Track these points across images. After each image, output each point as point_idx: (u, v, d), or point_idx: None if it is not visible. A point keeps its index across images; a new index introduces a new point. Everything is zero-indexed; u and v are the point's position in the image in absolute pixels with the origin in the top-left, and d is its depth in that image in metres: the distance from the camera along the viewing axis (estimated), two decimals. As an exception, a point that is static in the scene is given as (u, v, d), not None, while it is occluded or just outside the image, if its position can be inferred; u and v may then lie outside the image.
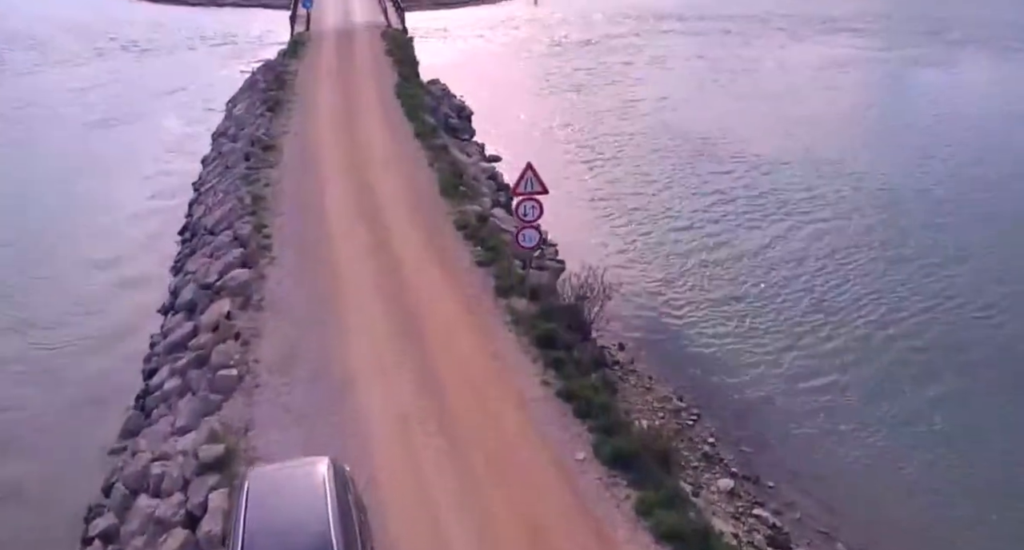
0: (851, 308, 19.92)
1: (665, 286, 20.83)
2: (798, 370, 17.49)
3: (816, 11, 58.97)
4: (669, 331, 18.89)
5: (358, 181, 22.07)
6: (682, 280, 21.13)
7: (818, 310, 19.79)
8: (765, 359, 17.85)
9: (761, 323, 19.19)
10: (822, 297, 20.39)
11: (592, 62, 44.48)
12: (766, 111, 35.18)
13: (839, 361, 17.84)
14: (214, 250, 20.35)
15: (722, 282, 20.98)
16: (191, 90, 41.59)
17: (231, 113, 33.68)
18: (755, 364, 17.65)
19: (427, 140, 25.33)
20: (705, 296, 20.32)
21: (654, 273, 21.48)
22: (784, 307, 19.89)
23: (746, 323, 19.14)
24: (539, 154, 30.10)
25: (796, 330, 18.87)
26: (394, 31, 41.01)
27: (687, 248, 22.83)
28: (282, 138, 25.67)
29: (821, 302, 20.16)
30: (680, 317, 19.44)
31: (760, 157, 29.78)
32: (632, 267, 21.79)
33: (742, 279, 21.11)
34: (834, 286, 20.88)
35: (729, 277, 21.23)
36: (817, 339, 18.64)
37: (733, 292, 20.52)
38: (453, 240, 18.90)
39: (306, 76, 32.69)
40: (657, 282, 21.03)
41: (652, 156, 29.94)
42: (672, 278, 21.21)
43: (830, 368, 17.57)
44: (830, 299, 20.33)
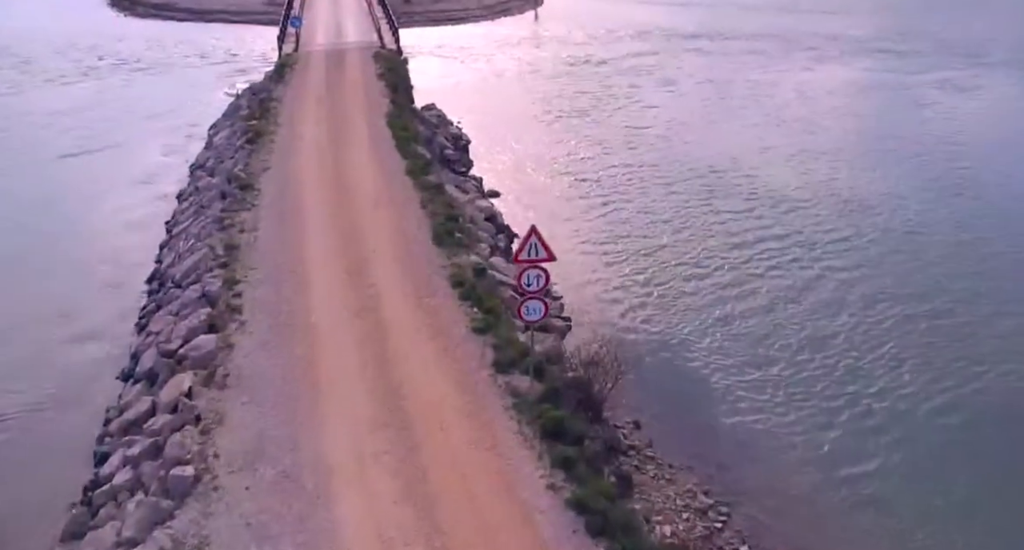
0: (890, 374, 18.12)
1: (684, 349, 19.02)
2: (838, 453, 15.67)
3: (842, 30, 57.49)
4: (690, 404, 17.07)
5: (343, 228, 20.30)
6: (702, 341, 19.31)
7: (855, 376, 18.00)
8: (800, 439, 16.05)
9: (793, 393, 17.38)
10: (858, 361, 18.60)
11: (597, 84, 42.86)
12: (784, 141, 33.54)
13: (884, 440, 16.04)
14: (180, 307, 18.59)
15: (746, 343, 19.17)
16: (175, 113, 39.93)
17: (211, 142, 32.01)
18: (789, 446, 15.85)
19: (420, 178, 23.60)
20: (729, 360, 18.51)
21: (671, 332, 19.67)
22: (817, 373, 18.08)
23: (777, 394, 17.34)
24: (541, 189, 28.63)
25: (833, 403, 17.06)
26: (388, 52, 39.37)
27: (705, 301, 21.04)
28: (262, 176, 23.92)
29: (857, 367, 18.36)
30: (702, 387, 17.63)
31: (778, 194, 28.07)
32: (646, 325, 20.00)
33: (769, 339, 19.31)
34: (870, 347, 19.08)
35: (754, 336, 19.43)
36: (857, 413, 16.84)
37: (760, 355, 18.71)
38: (447, 300, 17.11)
39: (291, 103, 31.00)
40: (674, 343, 19.22)
41: (663, 192, 28.21)
42: (691, 338, 19.40)
43: (875, 449, 15.77)
44: (867, 363, 18.53)
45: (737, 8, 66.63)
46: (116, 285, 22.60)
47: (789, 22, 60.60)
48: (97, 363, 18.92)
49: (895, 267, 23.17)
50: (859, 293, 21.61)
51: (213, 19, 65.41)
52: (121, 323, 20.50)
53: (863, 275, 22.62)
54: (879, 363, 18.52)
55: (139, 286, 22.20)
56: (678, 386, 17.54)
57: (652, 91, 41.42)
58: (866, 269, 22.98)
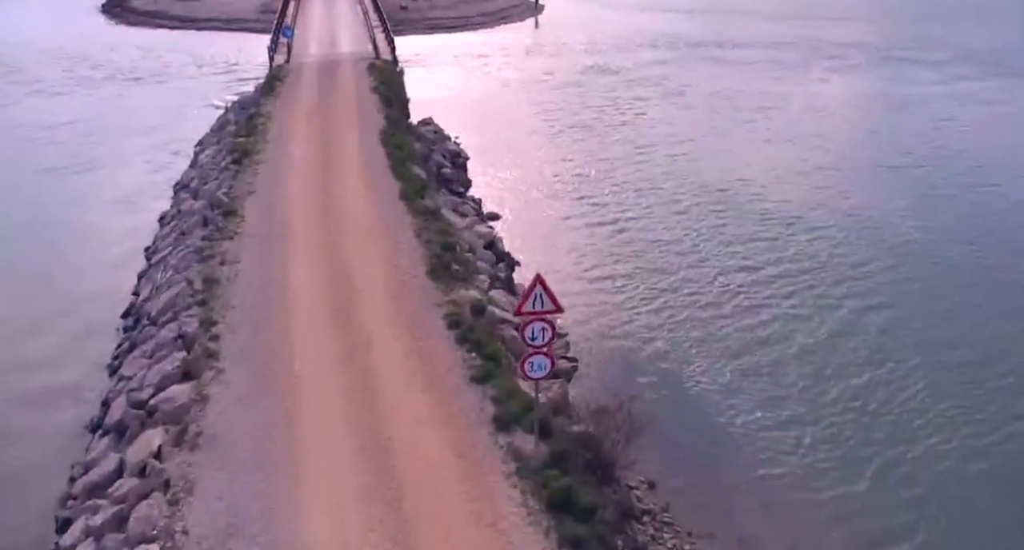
0: (920, 419, 16.90)
1: (699, 392, 17.73)
2: (869, 512, 14.37)
3: (857, 37, 56.41)
4: (708, 458, 15.79)
5: (331, 261, 19.04)
6: (718, 382, 18.02)
7: (882, 421, 16.75)
8: (828, 496, 14.78)
9: (819, 442, 16.12)
10: (884, 403, 17.31)
11: (600, 96, 41.62)
12: (798, 158, 32.27)
13: (916, 495, 14.82)
14: (155, 348, 17.33)
15: (765, 383, 17.89)
16: (164, 127, 38.74)
17: (197, 160, 30.82)
18: (816, 505, 14.55)
19: (415, 202, 22.35)
20: (747, 404, 17.22)
21: (684, 373, 18.38)
22: (843, 418, 16.80)
23: (801, 443, 16.06)
24: (543, 211, 27.27)
25: (861, 453, 15.83)
26: (383, 63, 38.18)
27: (720, 336, 19.75)
28: (247, 200, 22.67)
29: (883, 410, 17.08)
30: (719, 436, 16.35)
31: (792, 216, 26.80)
32: (657, 365, 18.71)
33: (788, 379, 18.03)
34: (896, 388, 17.80)
35: (772, 376, 18.15)
36: (886, 463, 15.60)
37: (780, 397, 17.43)
38: (442, 344, 15.84)
39: (281, 119, 29.77)
40: (689, 386, 17.93)
41: (671, 214, 26.92)
42: (706, 379, 18.11)
43: (907, 507, 14.54)
44: (893, 405, 17.26)
45: (744, 15, 65.58)
46: (91, 319, 21.34)
47: (801, 29, 59.46)
48: (65, 409, 17.67)
49: (917, 297, 21.93)
50: (881, 326, 20.37)
51: (205, 27, 64.35)
52: (93, 363, 19.26)
53: (883, 306, 21.37)
54: (907, 406, 17.27)
55: (114, 320, 20.95)
56: (694, 437, 16.23)
57: (658, 103, 40.22)
58: (886, 299, 21.73)
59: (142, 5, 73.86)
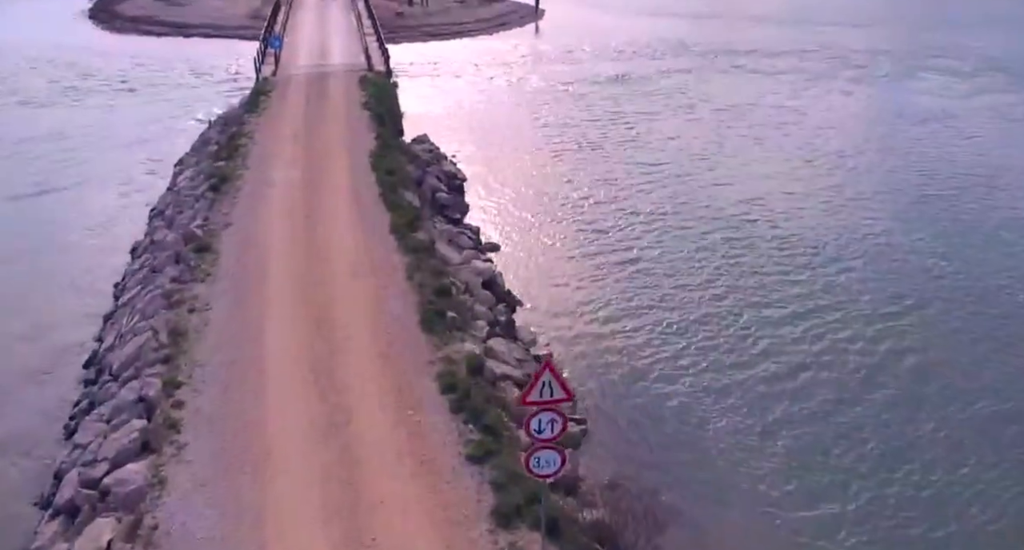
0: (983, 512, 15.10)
1: (730, 466, 15.80)
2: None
3: (878, 45, 54.55)
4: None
5: (312, 309, 17.34)
6: (745, 456, 16.07)
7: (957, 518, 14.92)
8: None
9: (866, 532, 14.35)
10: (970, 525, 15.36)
11: (606, 110, 39.84)
12: (818, 182, 30.33)
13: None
14: (113, 412, 15.67)
15: (798, 462, 15.93)
16: (149, 141, 36.90)
17: (175, 183, 29.10)
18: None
19: (407, 236, 20.70)
20: (777, 490, 15.33)
21: (710, 439, 16.53)
22: (899, 502, 15.06)
23: (848, 536, 14.29)
24: (546, 241, 25.35)
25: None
26: (375, 75, 36.52)
27: (746, 396, 17.82)
28: (223, 234, 21.00)
29: (961, 514, 15.21)
30: (753, 524, 14.54)
31: (814, 247, 24.92)
32: (679, 427, 16.89)
33: (825, 456, 16.12)
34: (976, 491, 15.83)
35: (807, 452, 16.14)
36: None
37: (817, 478, 15.59)
38: (435, 412, 14.16)
39: (264, 139, 28.10)
40: (717, 458, 16.03)
41: (684, 244, 25.12)
42: (730, 451, 16.17)
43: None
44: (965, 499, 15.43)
45: (751, 21, 63.89)
46: (52, 366, 19.61)
47: (814, 36, 57.61)
48: (14, 478, 15.96)
49: (949, 343, 20.17)
50: (915, 377, 18.65)
51: (193, 34, 62.60)
52: (49, 418, 17.55)
53: (915, 351, 19.61)
54: (965, 489, 15.48)
55: (76, 370, 19.24)
56: (723, 529, 14.38)
57: (666, 118, 38.42)
58: (918, 345, 19.93)
59: (129, 10, 72.21)
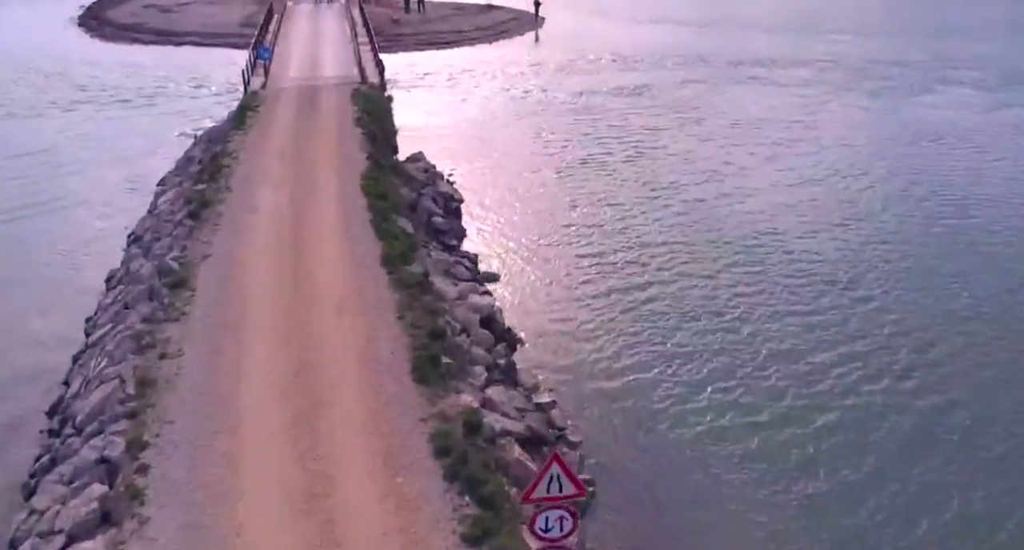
0: None
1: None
2: None
3: (897, 55, 53.13)
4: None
5: (294, 355, 15.98)
6: (776, 541, 14.62)
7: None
8: None
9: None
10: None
11: (610, 125, 38.42)
12: (836, 207, 28.43)
13: None
14: (74, 474, 14.33)
15: (839, 537, 14.48)
16: (136, 157, 35.56)
17: (155, 205, 27.80)
18: None
19: (399, 270, 19.35)
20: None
21: (735, 511, 15.02)
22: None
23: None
24: (548, 269, 23.85)
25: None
26: (369, 88, 35.22)
27: (772, 458, 16.16)
28: (200, 267, 19.64)
29: None
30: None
31: (833, 283, 22.99)
32: (699, 495, 15.35)
33: (867, 534, 14.67)
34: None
35: (847, 532, 14.69)
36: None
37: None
38: (427, 481, 12.79)
39: (250, 159, 26.76)
40: (739, 534, 14.60)
41: (694, 278, 23.50)
42: (759, 532, 14.69)
43: None
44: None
45: (758, 30, 62.61)
46: (13, 413, 18.27)
47: (825, 46, 56.17)
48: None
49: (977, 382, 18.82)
50: (958, 437, 17.24)
51: (183, 42, 61.42)
52: (9, 472, 16.25)
53: (956, 409, 18.12)
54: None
55: (39, 418, 17.89)
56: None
57: (675, 133, 37.01)
58: (955, 401, 18.43)
59: (119, 17, 71.09)
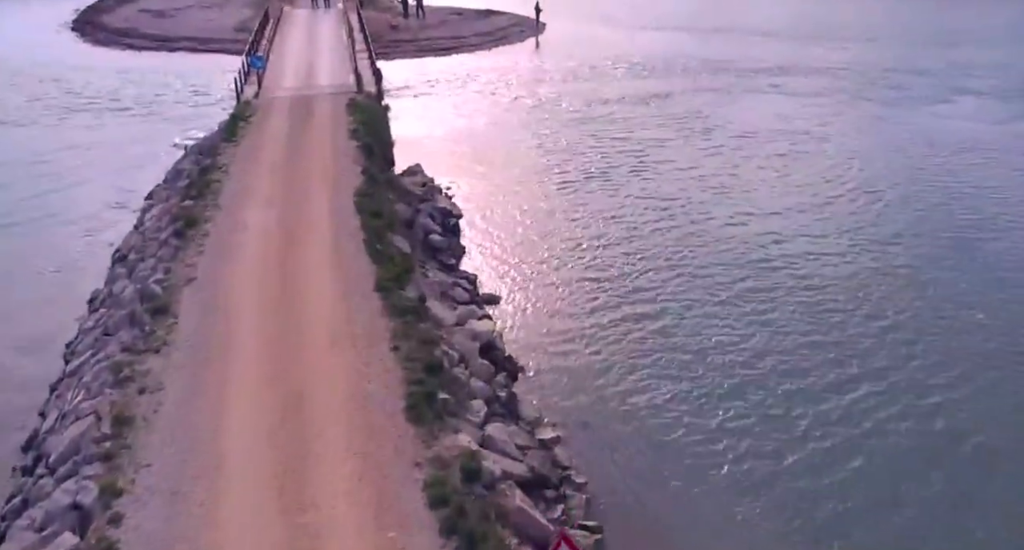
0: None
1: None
2: None
3: (908, 63, 51.77)
4: None
5: (281, 391, 15.08)
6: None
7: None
8: None
9: None
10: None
11: (614, 136, 37.32)
12: (853, 227, 26.96)
13: None
14: (45, 519, 13.46)
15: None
16: (121, 169, 34.66)
17: (142, 221, 26.93)
18: None
19: (393, 295, 18.45)
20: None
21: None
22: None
23: None
24: (551, 290, 22.87)
25: None
26: (365, 99, 34.32)
27: (793, 516, 15.08)
28: (184, 292, 18.75)
29: None
30: None
31: (850, 309, 21.66)
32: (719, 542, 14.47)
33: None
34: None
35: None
36: None
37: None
38: (422, 534, 11.90)
39: (240, 173, 25.88)
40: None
41: (704, 300, 22.37)
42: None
43: None
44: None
45: (763, 36, 61.57)
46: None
47: (837, 53, 54.60)
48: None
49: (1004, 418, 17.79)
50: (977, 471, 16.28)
51: (178, 48, 60.57)
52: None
53: (970, 438, 17.12)
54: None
55: (14, 452, 17.00)
56: None
57: (681, 145, 35.95)
58: (969, 425, 17.45)
59: (114, 22, 70.28)
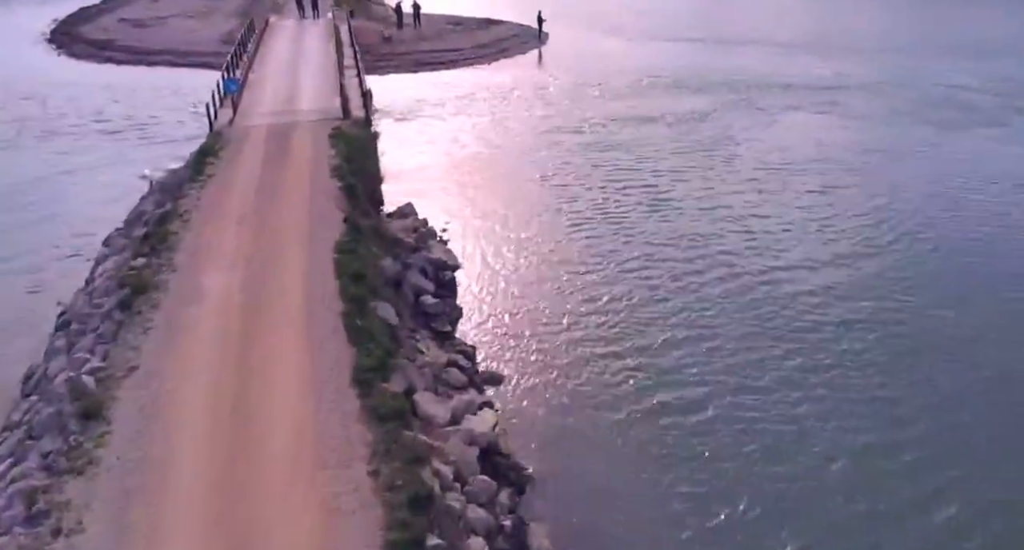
0: None
1: None
2: None
3: (971, 79, 48.98)
4: None
5: (227, 535, 11.93)
6: None
7: None
8: None
9: None
10: None
11: (627, 164, 33.99)
12: (891, 273, 24.50)
13: None
14: None
15: None
16: (79, 209, 31.49)
17: (93, 275, 23.70)
18: None
19: (374, 389, 15.37)
20: None
21: None
22: None
23: None
24: (564, 365, 19.68)
25: None
26: (352, 127, 31.24)
27: None
28: (122, 386, 15.65)
29: None
30: None
31: (891, 374, 19.43)
32: None
33: None
34: None
35: None
36: None
37: None
38: None
39: (202, 224, 22.75)
40: None
41: (753, 386, 19.46)
42: None
43: None
44: None
45: (784, 48, 58.62)
46: None
47: (864, 67, 51.78)
48: None
49: None
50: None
51: (157, 62, 57.49)
52: None
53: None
54: None
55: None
56: None
57: (702, 177, 32.39)
58: None
59: (91, 32, 67.31)
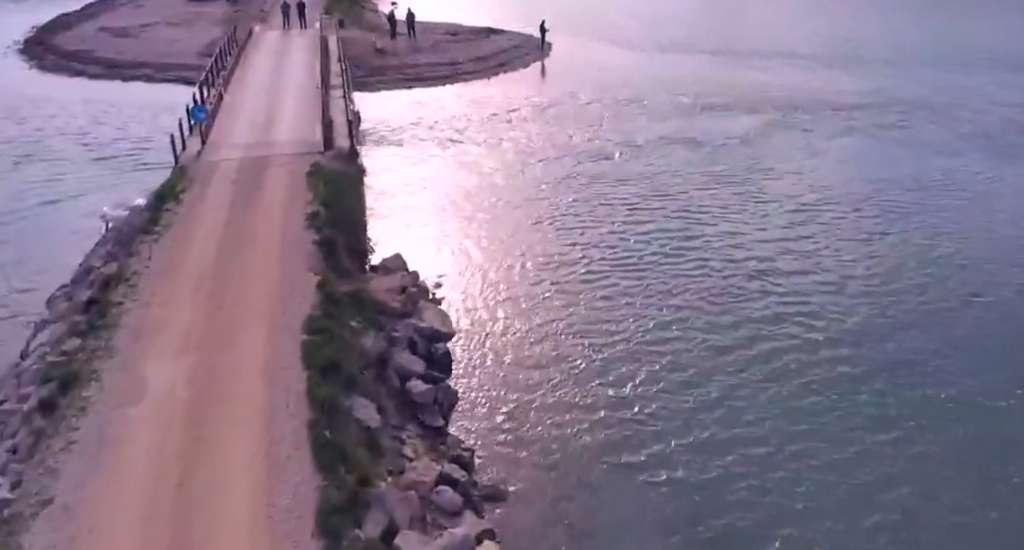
0: None
1: None
2: None
3: (988, 97, 45.78)
4: None
5: None
6: None
7: None
8: None
9: None
10: None
11: (646, 203, 30.05)
12: (942, 326, 21.86)
13: None
14: None
15: None
16: (27, 258, 27.39)
17: (28, 347, 20.47)
18: None
19: (342, 536, 12.24)
20: None
21: None
22: None
23: None
24: (581, 485, 16.28)
25: None
26: (334, 161, 28.15)
27: None
28: (31, 526, 12.55)
29: None
30: None
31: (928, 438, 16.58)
32: None
33: None
34: None
35: None
36: None
37: None
38: None
39: (151, 292, 19.61)
40: None
41: (785, 489, 16.51)
42: None
43: None
44: None
45: (798, 60, 55.50)
46: None
47: (901, 84, 48.36)
48: None
49: None
50: None
51: (134, 76, 54.20)
52: None
53: None
54: None
55: None
56: None
57: (730, 220, 28.49)
58: None
59: (67, 43, 64.10)
